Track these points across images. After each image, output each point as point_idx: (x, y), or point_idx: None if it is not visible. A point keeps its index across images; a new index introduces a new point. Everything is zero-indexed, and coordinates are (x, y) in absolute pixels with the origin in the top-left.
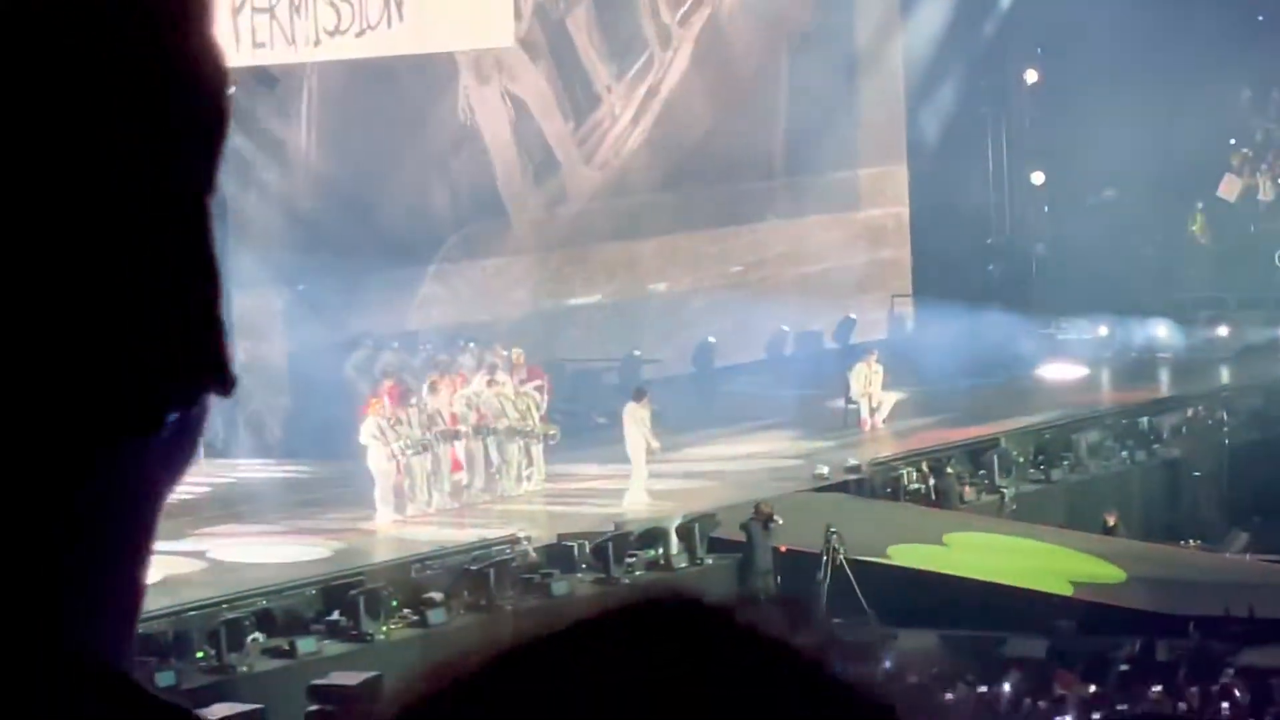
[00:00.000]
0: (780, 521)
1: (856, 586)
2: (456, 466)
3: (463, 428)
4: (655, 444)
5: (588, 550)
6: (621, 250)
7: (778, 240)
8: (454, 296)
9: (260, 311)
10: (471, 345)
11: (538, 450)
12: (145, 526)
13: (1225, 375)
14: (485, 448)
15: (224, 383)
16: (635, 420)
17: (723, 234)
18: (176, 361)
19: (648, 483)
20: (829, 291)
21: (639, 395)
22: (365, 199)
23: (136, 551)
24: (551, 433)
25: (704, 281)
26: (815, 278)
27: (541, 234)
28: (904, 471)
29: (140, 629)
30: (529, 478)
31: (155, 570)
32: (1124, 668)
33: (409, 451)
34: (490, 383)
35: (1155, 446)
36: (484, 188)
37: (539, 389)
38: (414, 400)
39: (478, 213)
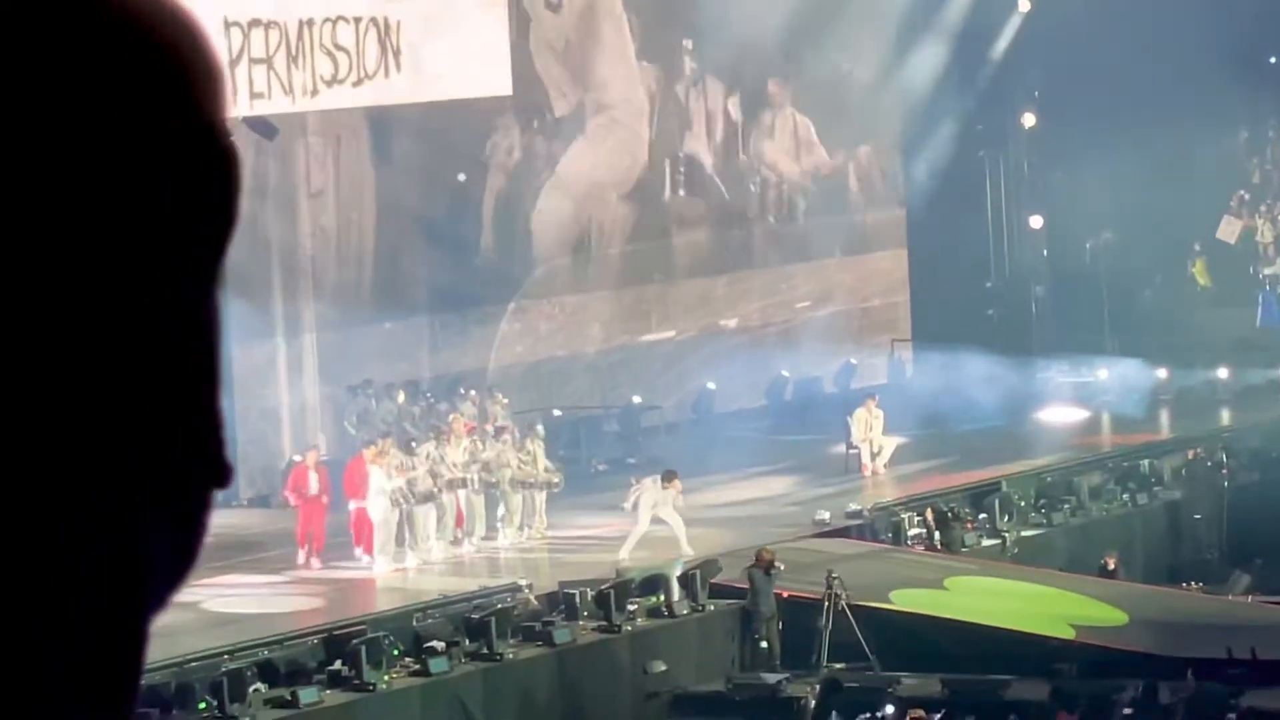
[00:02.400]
0: (782, 567)
1: (859, 632)
2: (459, 516)
3: (469, 476)
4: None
5: (589, 598)
6: (617, 298)
7: (777, 286)
8: (464, 342)
9: (263, 359)
10: (472, 393)
11: (540, 499)
12: (142, 629)
13: (1225, 417)
14: (487, 498)
15: (220, 478)
16: (659, 500)
17: (720, 280)
18: (173, 459)
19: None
20: (829, 337)
21: (669, 477)
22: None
23: (128, 656)
24: (555, 481)
25: (703, 328)
26: (815, 323)
27: (550, 282)
28: (905, 516)
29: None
30: (530, 525)
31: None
32: (1126, 711)
33: (413, 501)
34: (499, 430)
35: (1156, 489)
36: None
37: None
38: (418, 449)
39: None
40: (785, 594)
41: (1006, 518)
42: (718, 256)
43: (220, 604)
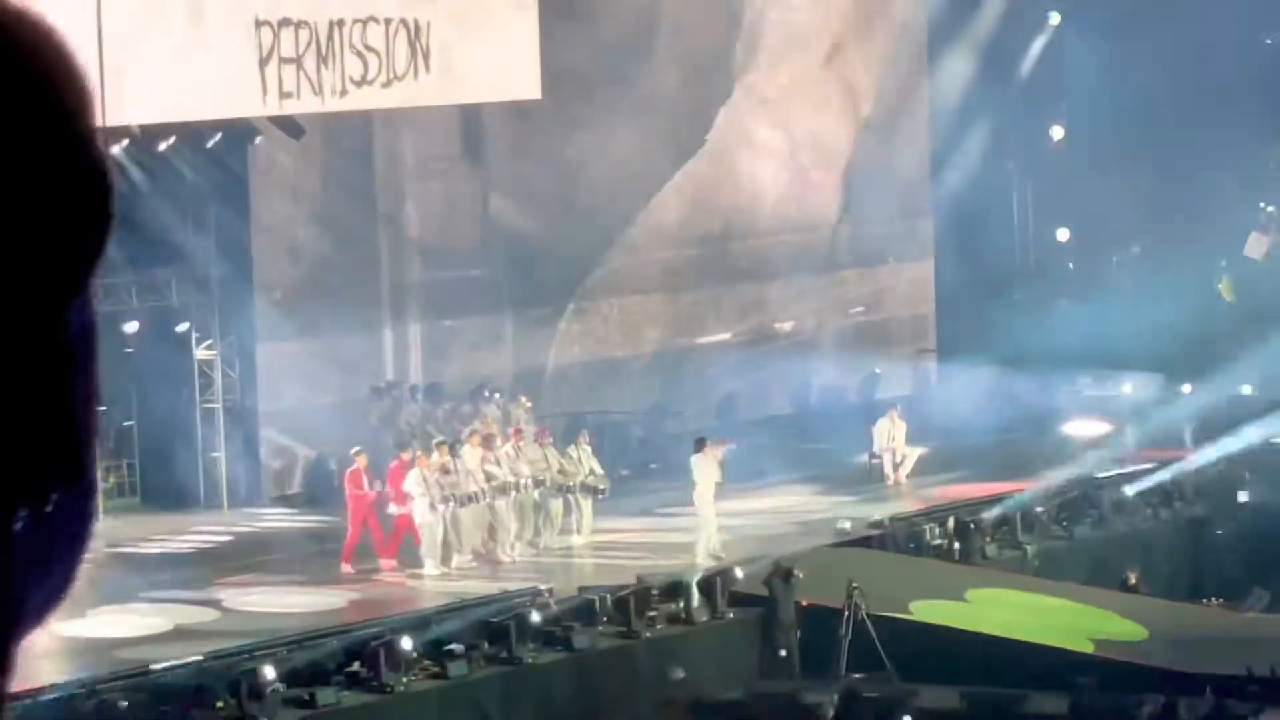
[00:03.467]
0: (801, 576)
1: (878, 642)
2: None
3: (512, 479)
4: (717, 475)
5: (609, 603)
6: (644, 304)
7: (802, 295)
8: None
9: (291, 359)
10: (496, 396)
11: (586, 504)
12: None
13: (1250, 433)
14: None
15: (76, 479)
16: (699, 471)
17: (745, 289)
18: (17, 460)
19: (710, 533)
20: (853, 346)
21: (699, 445)
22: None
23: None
24: (601, 488)
25: (728, 336)
26: (839, 332)
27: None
28: (927, 527)
29: (161, 679)
30: (578, 529)
31: (173, 619)
32: None
33: (454, 504)
34: (539, 433)
35: (1178, 504)
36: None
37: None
38: (460, 452)
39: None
40: (805, 603)
41: (1028, 530)
42: (746, 264)
43: (241, 604)
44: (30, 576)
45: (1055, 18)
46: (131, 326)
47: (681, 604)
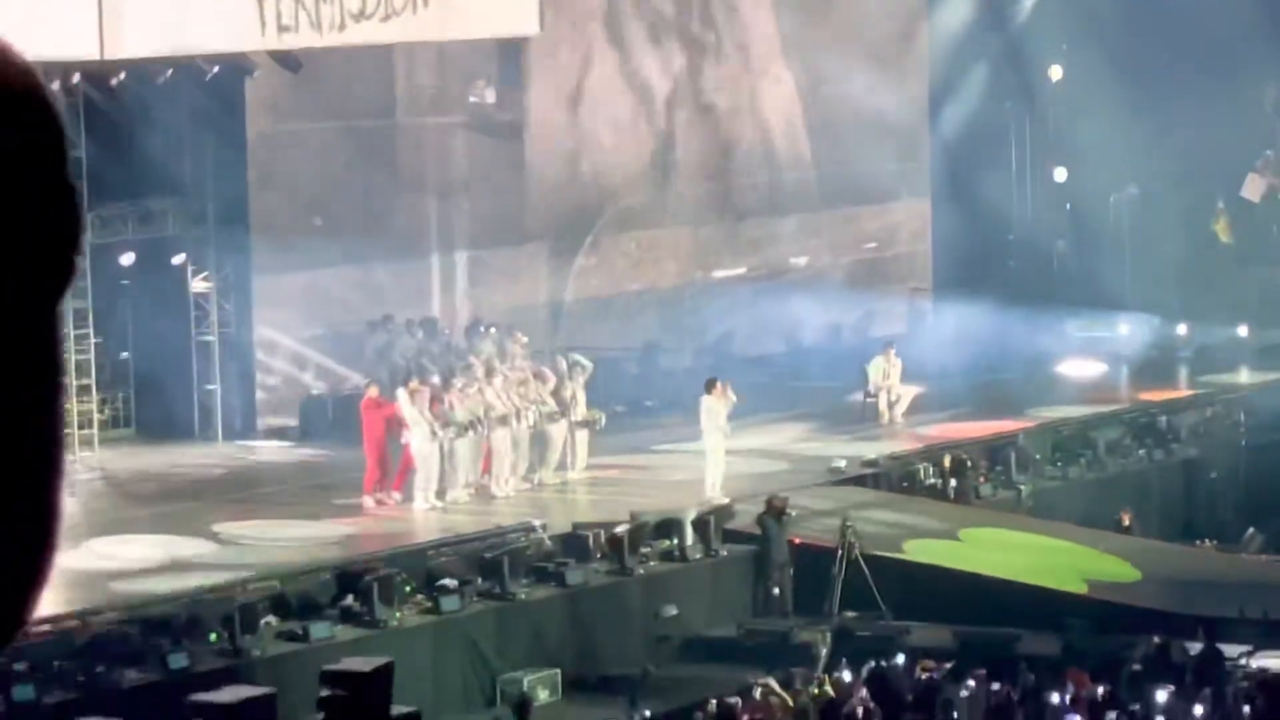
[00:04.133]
0: (793, 514)
1: (871, 581)
2: (487, 458)
3: (513, 411)
4: (724, 428)
5: (603, 540)
6: (639, 240)
7: (798, 233)
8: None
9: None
10: (492, 331)
11: (582, 438)
12: None
13: (1245, 375)
14: (521, 437)
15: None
16: (708, 412)
17: (742, 227)
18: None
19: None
20: (849, 285)
21: (709, 386)
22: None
23: None
24: (595, 417)
25: (722, 274)
26: (835, 270)
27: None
28: (921, 466)
29: (153, 610)
30: (572, 464)
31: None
32: (1137, 667)
33: (453, 436)
34: (537, 374)
35: (1173, 445)
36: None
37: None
38: (459, 385)
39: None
40: (798, 541)
41: (1023, 470)
42: (745, 202)
43: (235, 536)
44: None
45: None
46: (128, 258)
47: (675, 541)
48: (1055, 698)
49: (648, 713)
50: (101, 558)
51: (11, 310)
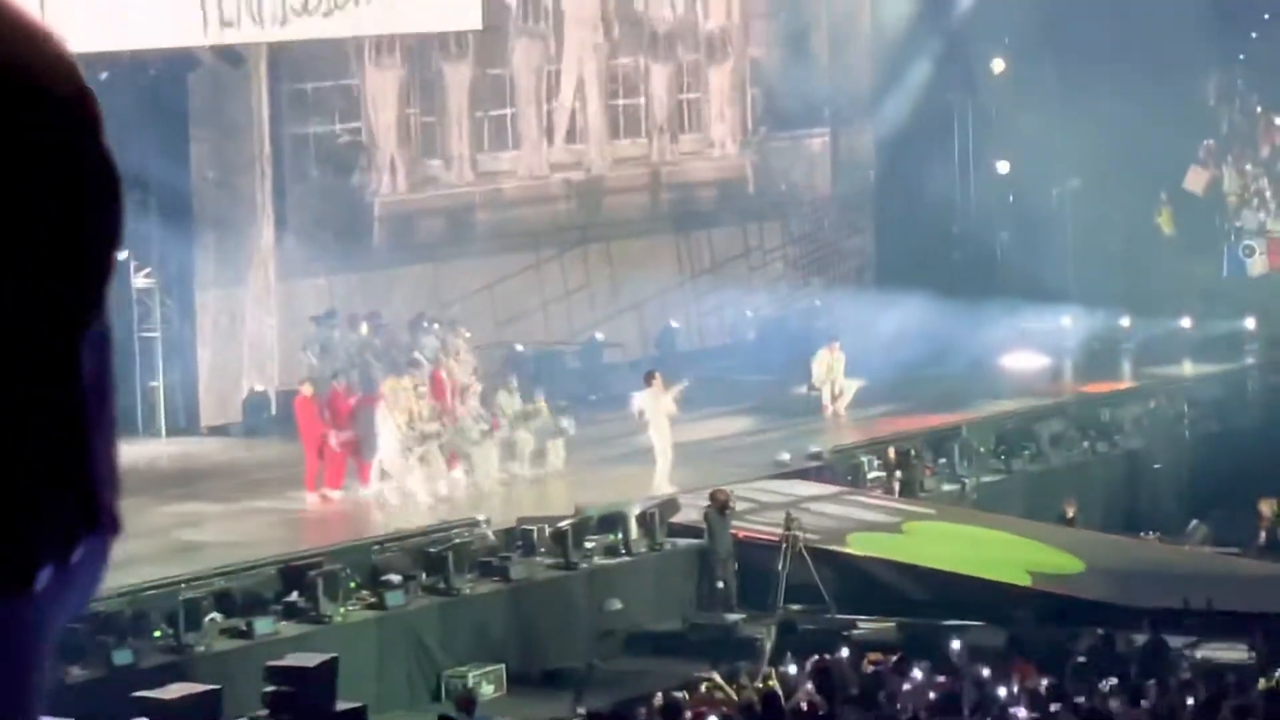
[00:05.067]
0: (737, 508)
1: (816, 574)
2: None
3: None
4: (673, 409)
5: (547, 534)
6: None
7: (740, 225)
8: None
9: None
10: (435, 326)
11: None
12: (28, 681)
13: (1188, 367)
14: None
15: (102, 528)
16: (652, 404)
17: (687, 218)
18: (41, 515)
19: (664, 462)
20: (791, 278)
21: (649, 379)
22: None
23: (20, 709)
24: (564, 425)
25: (667, 266)
26: (777, 264)
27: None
28: (865, 459)
29: (98, 607)
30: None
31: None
32: (1081, 659)
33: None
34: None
35: (1116, 437)
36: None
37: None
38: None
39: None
40: (741, 535)
41: (966, 463)
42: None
43: (179, 533)
44: (49, 624)
45: None
46: None
47: (619, 535)
48: (1001, 690)
49: (593, 707)
50: None
51: (56, 316)
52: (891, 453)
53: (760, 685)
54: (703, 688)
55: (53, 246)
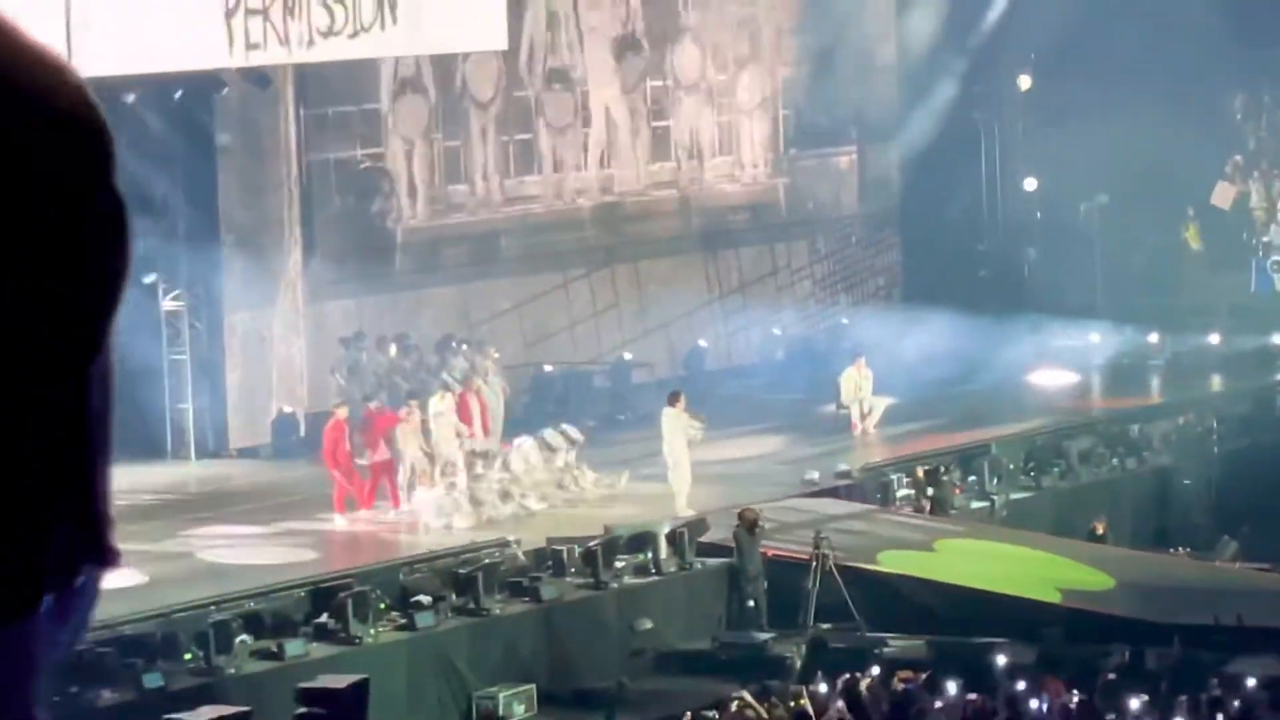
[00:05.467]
0: (766, 526)
1: (846, 592)
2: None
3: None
4: (697, 435)
5: (577, 554)
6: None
7: (769, 244)
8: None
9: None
10: (464, 348)
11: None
12: (23, 706)
13: (1216, 383)
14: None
15: (102, 557)
16: (672, 424)
17: (716, 235)
18: (48, 543)
19: (682, 485)
20: (819, 296)
21: (673, 399)
22: None
23: None
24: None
25: (695, 285)
26: (806, 282)
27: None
28: (894, 477)
29: (128, 630)
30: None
31: (140, 571)
32: (1111, 676)
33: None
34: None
35: (1145, 454)
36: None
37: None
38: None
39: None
40: (771, 553)
41: (996, 480)
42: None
43: (208, 555)
44: (47, 651)
45: None
46: None
47: (649, 555)
48: (1031, 706)
49: None
50: None
51: (64, 330)
52: (920, 471)
53: (791, 704)
54: (733, 706)
55: (60, 276)
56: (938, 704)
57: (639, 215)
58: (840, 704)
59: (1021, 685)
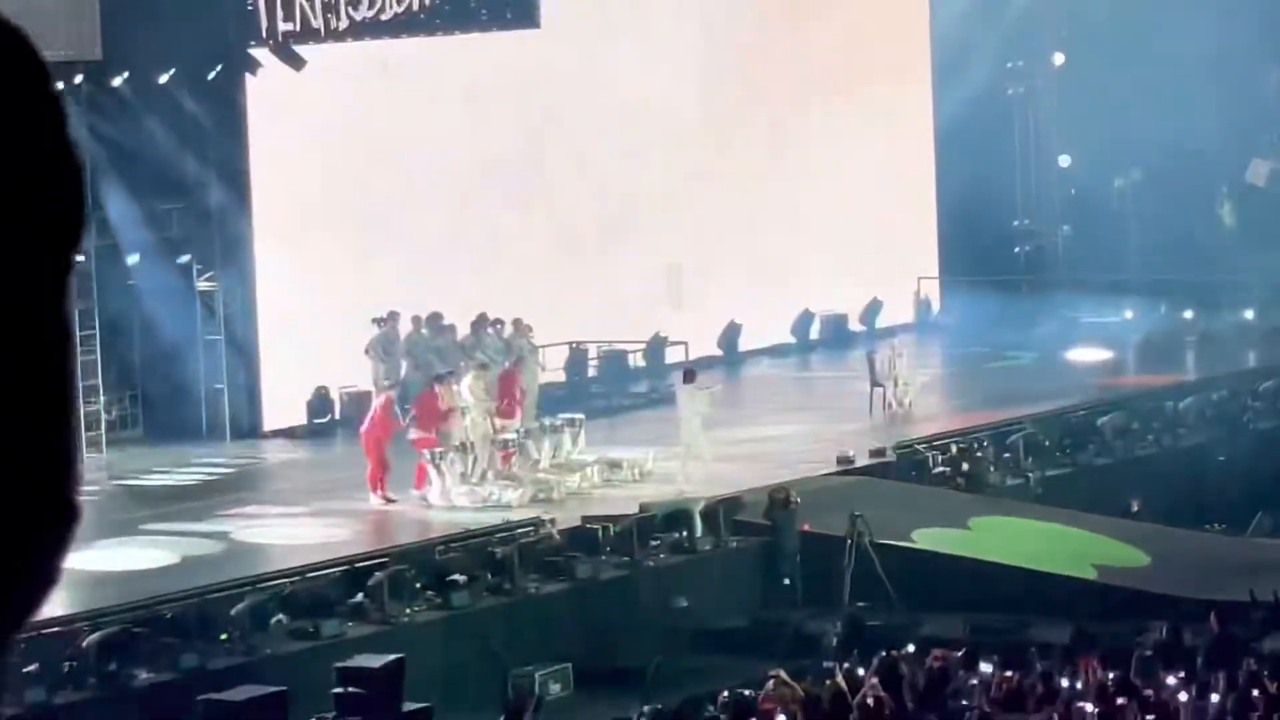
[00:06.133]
0: (799, 501)
1: (881, 571)
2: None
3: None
4: (708, 410)
5: (612, 533)
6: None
7: (805, 221)
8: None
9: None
10: (497, 326)
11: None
12: None
13: (1251, 359)
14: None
15: (65, 516)
16: (687, 402)
17: (744, 214)
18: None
19: (692, 465)
20: (855, 274)
21: (689, 376)
22: None
23: None
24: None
25: (731, 263)
26: (841, 260)
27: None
28: (929, 455)
29: (165, 610)
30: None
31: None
32: (1148, 653)
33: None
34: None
35: (1180, 430)
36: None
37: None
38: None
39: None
40: (808, 528)
41: (1030, 458)
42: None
43: (244, 535)
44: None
45: None
46: (133, 259)
47: (684, 533)
48: (1067, 684)
49: (660, 705)
50: (112, 559)
51: (18, 279)
52: (955, 448)
53: (827, 682)
54: (769, 685)
55: (12, 229)
56: (973, 681)
57: (673, 195)
58: (876, 682)
59: (1057, 662)
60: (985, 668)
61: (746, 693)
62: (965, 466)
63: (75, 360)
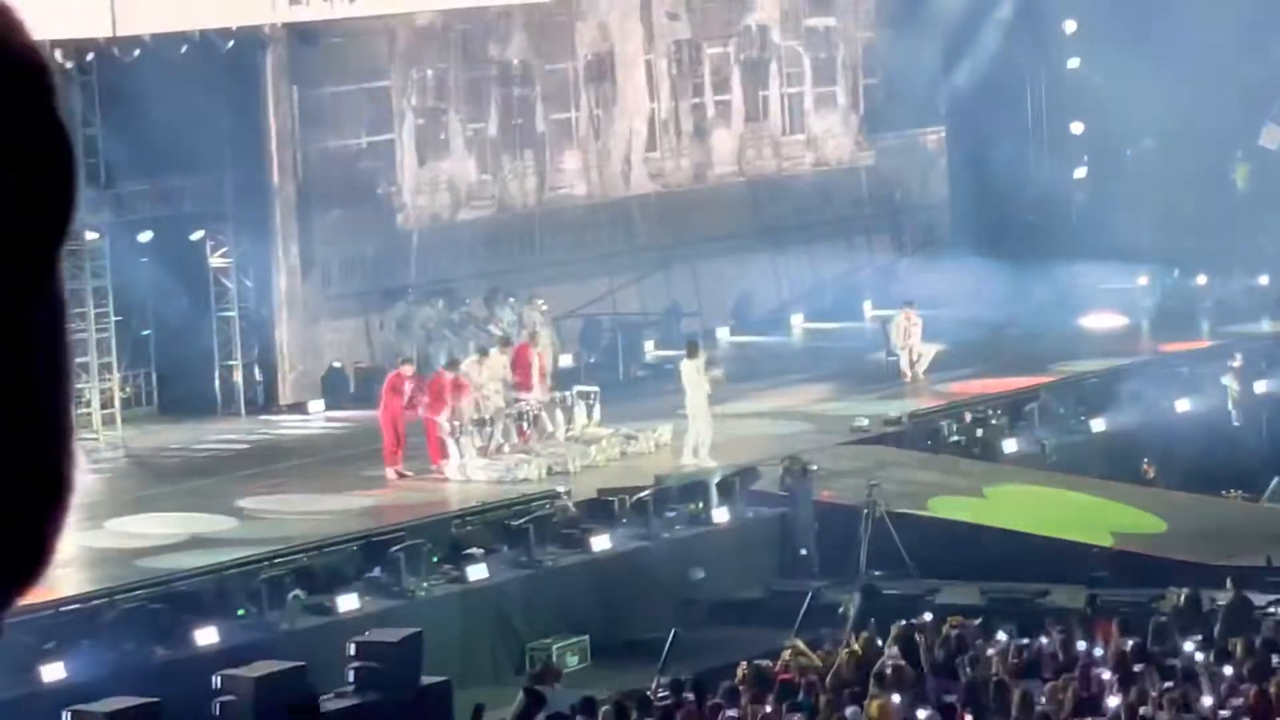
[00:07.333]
0: (816, 469)
1: (897, 539)
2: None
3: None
4: (708, 387)
5: (628, 505)
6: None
7: (815, 190)
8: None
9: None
10: (510, 300)
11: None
12: None
13: (1266, 324)
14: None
15: (57, 494)
16: (691, 376)
17: (761, 187)
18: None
19: (702, 436)
20: (867, 243)
21: (692, 350)
22: None
23: None
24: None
25: (743, 234)
26: (853, 229)
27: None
28: (944, 424)
29: (181, 586)
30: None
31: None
32: (1164, 619)
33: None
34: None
35: (1196, 396)
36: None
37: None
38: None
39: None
40: (824, 499)
41: (1046, 425)
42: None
43: (260, 511)
44: None
45: None
46: (146, 236)
47: (700, 504)
48: (1084, 650)
49: (678, 676)
50: (127, 536)
51: (5, 257)
52: (970, 416)
53: (844, 652)
54: (786, 654)
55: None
56: (990, 649)
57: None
58: (893, 651)
59: (1074, 630)
60: (1002, 636)
61: (764, 663)
62: (980, 434)
63: (69, 335)
